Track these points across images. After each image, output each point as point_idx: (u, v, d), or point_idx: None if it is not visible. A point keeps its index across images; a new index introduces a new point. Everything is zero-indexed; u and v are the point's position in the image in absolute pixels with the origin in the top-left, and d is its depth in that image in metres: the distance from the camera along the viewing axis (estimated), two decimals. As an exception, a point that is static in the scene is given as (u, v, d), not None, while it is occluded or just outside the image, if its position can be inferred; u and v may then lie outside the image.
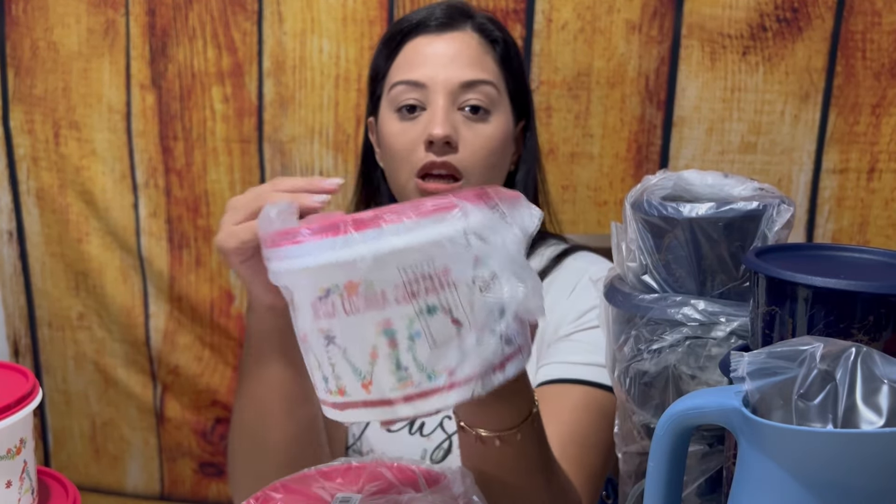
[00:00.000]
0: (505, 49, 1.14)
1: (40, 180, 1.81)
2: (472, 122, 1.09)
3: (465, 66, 1.09)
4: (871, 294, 0.65)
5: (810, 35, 1.44)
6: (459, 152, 1.08)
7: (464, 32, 1.12)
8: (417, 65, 1.10)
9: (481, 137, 1.09)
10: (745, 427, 0.58)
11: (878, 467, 0.53)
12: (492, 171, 1.12)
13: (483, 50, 1.12)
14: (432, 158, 1.08)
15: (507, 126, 1.13)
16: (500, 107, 1.12)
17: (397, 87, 1.11)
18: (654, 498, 0.69)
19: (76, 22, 1.72)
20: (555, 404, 1.06)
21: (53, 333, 1.89)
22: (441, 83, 1.08)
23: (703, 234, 0.82)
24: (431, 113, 1.08)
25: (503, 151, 1.13)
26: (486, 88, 1.10)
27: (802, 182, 1.50)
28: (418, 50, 1.11)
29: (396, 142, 1.11)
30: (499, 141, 1.11)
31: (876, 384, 0.55)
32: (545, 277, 1.17)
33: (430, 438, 1.14)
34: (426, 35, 1.11)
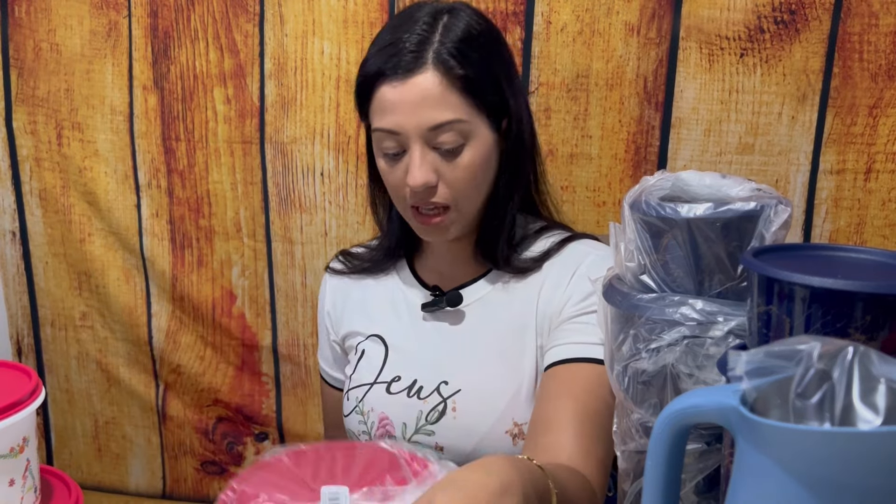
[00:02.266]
0: (467, 81, 1.12)
1: (43, 181, 1.81)
2: (447, 158, 1.12)
3: (431, 110, 1.10)
4: (868, 294, 0.65)
5: (808, 37, 1.45)
6: (440, 190, 1.13)
7: (424, 74, 1.11)
8: (388, 113, 1.12)
9: (459, 170, 1.13)
10: (742, 426, 0.59)
11: (875, 466, 0.53)
12: (478, 190, 1.16)
13: (445, 87, 1.11)
14: (416, 202, 1.14)
15: (484, 148, 1.15)
16: (473, 134, 1.13)
17: (377, 133, 1.15)
18: (653, 496, 0.69)
19: (79, 24, 1.73)
20: (567, 383, 1.10)
21: (56, 333, 1.90)
22: (412, 130, 1.11)
23: (701, 235, 0.82)
24: (410, 159, 1.12)
25: (483, 172, 1.16)
26: (455, 126, 1.11)
27: (800, 183, 1.51)
28: (386, 97, 1.12)
29: (388, 179, 1.17)
30: (476, 168, 1.14)
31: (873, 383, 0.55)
32: (546, 261, 1.20)
33: (427, 401, 1.20)
34: (390, 83, 1.12)
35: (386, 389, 1.23)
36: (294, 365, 1.82)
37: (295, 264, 1.76)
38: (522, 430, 1.15)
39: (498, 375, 1.18)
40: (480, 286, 1.24)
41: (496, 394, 1.18)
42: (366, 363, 1.27)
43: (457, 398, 1.18)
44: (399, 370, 1.24)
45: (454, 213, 1.15)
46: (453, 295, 1.23)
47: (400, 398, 1.22)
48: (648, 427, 0.89)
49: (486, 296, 1.23)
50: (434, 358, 1.23)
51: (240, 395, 1.84)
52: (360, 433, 1.25)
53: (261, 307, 1.80)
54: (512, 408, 1.16)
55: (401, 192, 1.15)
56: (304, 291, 1.77)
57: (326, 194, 1.70)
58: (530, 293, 1.20)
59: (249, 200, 1.74)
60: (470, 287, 1.24)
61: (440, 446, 1.19)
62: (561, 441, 1.05)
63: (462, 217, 1.16)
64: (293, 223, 1.73)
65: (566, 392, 1.09)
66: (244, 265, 1.78)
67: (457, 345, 1.23)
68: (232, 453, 1.89)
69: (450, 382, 1.20)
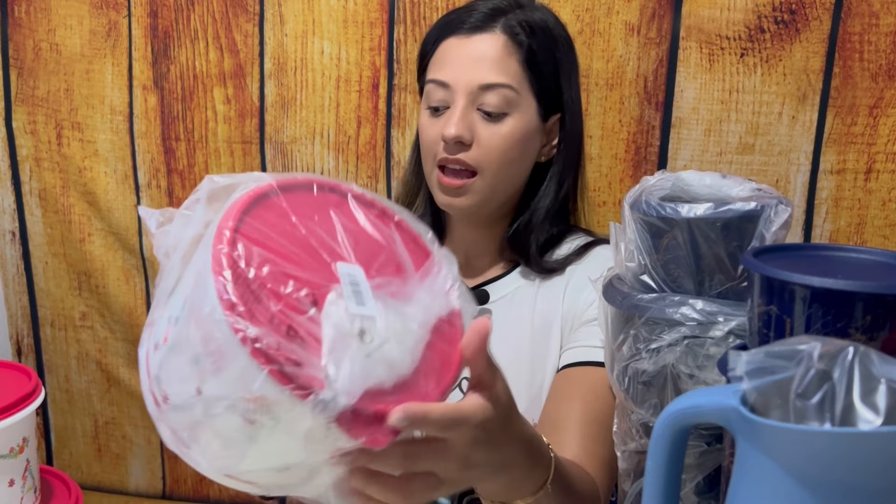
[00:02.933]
0: (530, 52, 1.16)
1: (43, 181, 1.81)
2: (487, 122, 1.15)
3: (486, 70, 1.14)
4: (869, 294, 0.65)
5: (808, 37, 1.45)
6: (473, 150, 1.14)
7: (492, 35, 1.16)
8: (446, 65, 1.17)
9: (496, 136, 1.15)
10: (743, 426, 0.59)
11: (876, 466, 0.53)
12: (509, 166, 1.17)
13: (507, 52, 1.15)
14: (446, 155, 1.15)
15: (526, 125, 1.17)
16: (519, 107, 1.16)
17: (429, 85, 1.18)
18: (653, 496, 0.69)
19: (78, 23, 1.73)
20: (577, 386, 1.10)
21: (56, 333, 1.90)
22: (462, 84, 1.14)
23: (702, 235, 0.83)
24: (451, 112, 1.15)
25: (522, 148, 1.18)
26: (503, 91, 1.14)
27: (800, 183, 1.50)
28: (449, 50, 1.17)
29: (424, 134, 1.19)
30: (515, 139, 1.16)
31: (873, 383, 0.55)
32: (570, 264, 1.22)
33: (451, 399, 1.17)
34: (458, 36, 1.17)
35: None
36: (294, 365, 1.81)
37: (295, 264, 1.76)
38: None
39: (520, 375, 1.17)
40: (506, 283, 1.24)
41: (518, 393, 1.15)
42: None
43: None
44: None
45: (479, 181, 1.16)
46: (479, 292, 1.23)
47: None
48: (649, 427, 0.89)
49: (511, 293, 1.23)
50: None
51: (240, 395, 1.84)
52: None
53: (261, 307, 1.80)
54: (532, 408, 1.15)
55: (433, 149, 1.17)
56: (304, 291, 1.76)
57: (326, 194, 1.70)
58: (555, 294, 1.20)
59: (249, 200, 1.74)
60: (495, 284, 1.24)
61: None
62: (566, 441, 1.04)
63: (485, 189, 1.16)
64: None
65: (575, 394, 1.09)
66: (244, 265, 1.78)
67: None
68: (232, 453, 1.89)
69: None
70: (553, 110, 1.21)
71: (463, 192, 1.16)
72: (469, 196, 1.16)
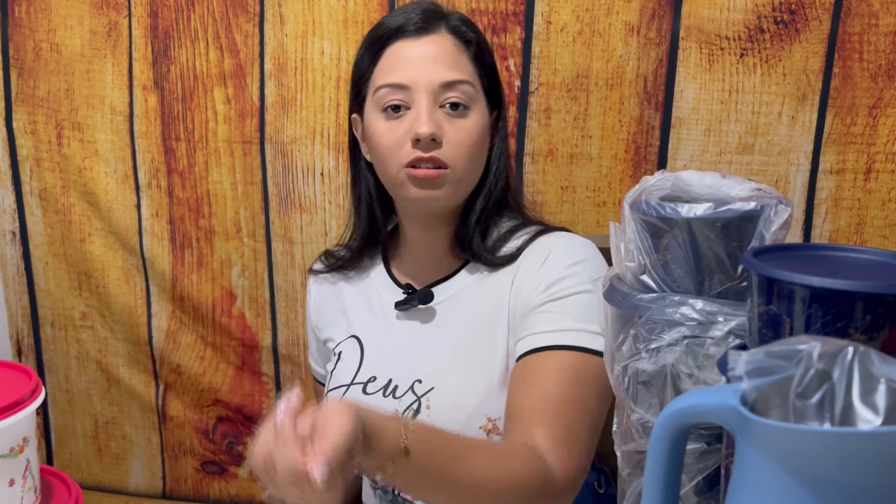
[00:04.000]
0: (478, 49, 1.19)
1: (43, 181, 1.81)
2: (453, 118, 1.16)
3: (444, 68, 1.16)
4: (868, 294, 0.65)
5: (807, 37, 1.45)
6: (443, 147, 1.15)
7: (440, 35, 1.17)
8: (400, 68, 1.16)
9: (463, 131, 1.16)
10: (742, 426, 0.59)
11: (875, 466, 0.53)
12: (473, 160, 1.18)
13: (458, 51, 1.17)
14: (419, 154, 1.14)
15: (483, 119, 1.19)
16: (476, 102, 1.18)
17: (382, 90, 1.17)
18: (653, 496, 0.69)
19: (79, 24, 1.73)
20: (532, 374, 1.11)
21: (56, 333, 1.90)
22: (423, 84, 1.15)
23: (701, 235, 0.82)
24: (416, 112, 1.14)
25: (482, 142, 1.19)
26: (464, 87, 1.16)
27: (799, 183, 1.51)
28: (399, 54, 1.17)
29: (384, 139, 1.17)
30: (478, 133, 1.18)
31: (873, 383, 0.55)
32: (518, 256, 1.22)
33: (402, 400, 1.21)
34: (405, 39, 1.17)
35: (362, 390, 1.24)
36: (294, 365, 1.82)
37: (295, 264, 1.76)
38: (497, 425, 1.16)
39: (470, 372, 1.19)
40: (453, 283, 1.25)
41: (469, 390, 1.18)
42: (343, 364, 1.28)
43: (430, 396, 1.19)
44: (375, 370, 1.25)
45: (451, 174, 1.16)
46: (424, 293, 1.24)
47: (376, 398, 1.23)
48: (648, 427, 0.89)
49: (458, 293, 1.24)
50: (407, 357, 1.24)
51: (240, 395, 1.84)
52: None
53: (261, 307, 1.80)
54: (485, 403, 1.16)
55: (399, 151, 1.16)
56: (303, 291, 1.77)
57: (326, 194, 1.70)
58: (503, 287, 1.21)
59: (249, 200, 1.74)
60: (442, 284, 1.25)
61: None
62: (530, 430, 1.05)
63: (455, 181, 1.17)
64: (293, 223, 1.73)
65: (532, 381, 1.10)
66: (244, 265, 1.78)
67: (429, 343, 1.23)
68: (232, 453, 1.89)
69: (423, 381, 1.20)
70: (494, 106, 1.23)
71: (438, 183, 1.16)
72: (445, 187, 1.17)
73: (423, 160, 1.15)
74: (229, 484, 1.91)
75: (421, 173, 1.15)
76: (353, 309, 1.32)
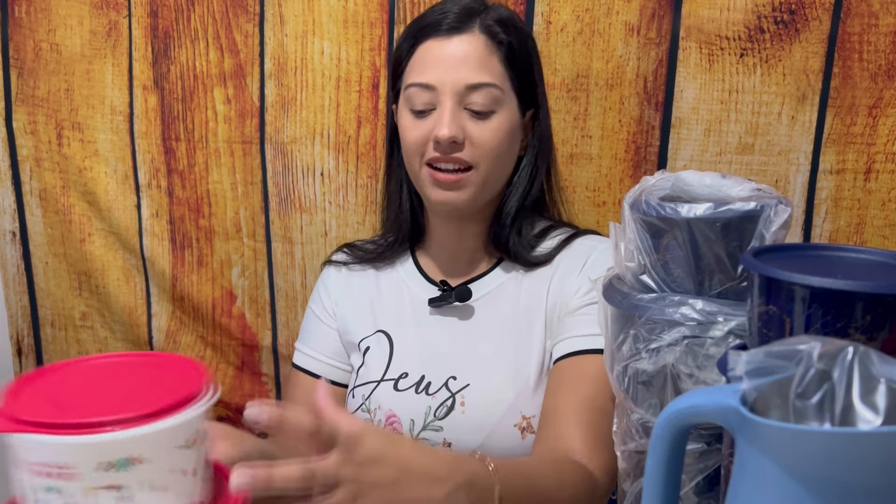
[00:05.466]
0: (510, 50, 1.19)
1: (43, 181, 1.81)
2: (477, 119, 1.17)
3: (472, 70, 1.16)
4: (868, 294, 0.65)
5: (807, 37, 1.45)
6: (466, 148, 1.16)
7: (471, 35, 1.17)
8: (428, 67, 1.18)
9: (487, 132, 1.17)
10: (742, 426, 0.59)
11: (875, 466, 0.53)
12: (498, 161, 1.19)
13: (489, 52, 1.17)
14: (439, 155, 1.16)
15: (511, 120, 1.19)
16: (504, 104, 1.18)
17: (411, 89, 1.19)
18: (653, 496, 0.69)
19: (79, 24, 1.73)
20: (571, 377, 1.12)
21: (56, 333, 1.90)
22: (449, 85, 1.16)
23: (701, 235, 0.83)
24: (440, 113, 1.16)
25: (509, 143, 1.20)
26: (490, 90, 1.16)
27: (799, 183, 1.51)
28: (430, 52, 1.18)
29: (409, 135, 1.20)
30: (503, 134, 1.18)
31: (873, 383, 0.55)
32: (555, 257, 1.24)
33: (435, 397, 1.21)
34: (437, 38, 1.18)
35: (393, 386, 1.24)
36: (294, 365, 1.82)
37: (295, 264, 1.76)
38: (531, 424, 1.16)
39: (505, 369, 1.20)
40: (489, 280, 1.25)
41: (504, 388, 1.18)
42: (371, 360, 1.28)
43: (465, 393, 1.19)
44: (406, 366, 1.25)
45: (474, 175, 1.18)
46: (463, 290, 1.24)
47: (408, 395, 1.23)
48: (648, 427, 0.89)
49: (495, 290, 1.24)
50: (442, 353, 1.24)
51: (240, 396, 1.84)
52: None
53: (261, 307, 1.80)
54: (520, 401, 1.17)
55: (420, 149, 1.18)
56: (304, 292, 1.77)
57: (326, 194, 1.70)
58: (539, 287, 1.22)
59: (249, 200, 1.74)
60: (478, 281, 1.26)
61: (448, 442, 1.19)
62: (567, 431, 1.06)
63: (479, 183, 1.18)
64: (293, 223, 1.73)
65: (571, 384, 1.11)
66: (244, 265, 1.78)
67: (465, 340, 1.24)
68: (232, 453, 1.89)
69: (458, 377, 1.21)
70: (528, 105, 1.24)
71: (460, 185, 1.17)
72: (465, 190, 1.18)
73: (440, 160, 1.17)
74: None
75: (442, 177, 1.17)
76: (381, 303, 1.32)
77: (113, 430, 0.65)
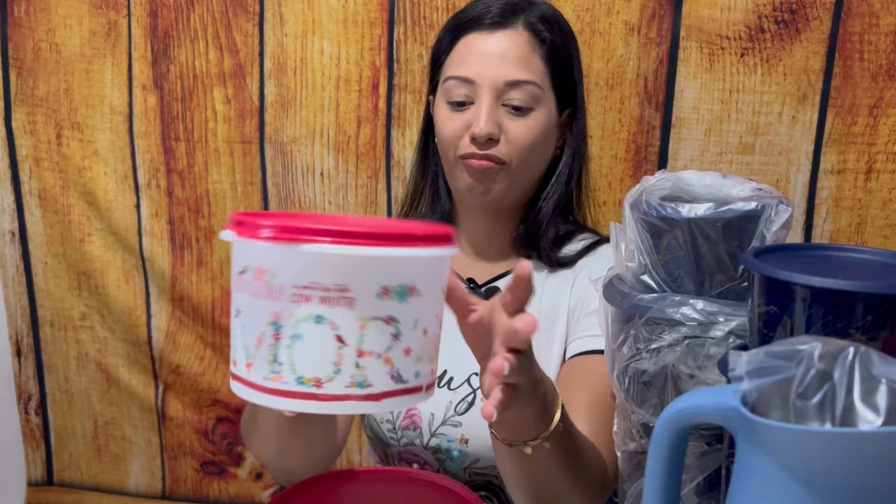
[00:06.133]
0: (552, 48, 1.19)
1: (43, 181, 1.81)
2: (514, 116, 1.16)
3: (512, 66, 1.16)
4: (869, 294, 0.65)
5: (808, 37, 1.45)
6: (501, 145, 1.16)
7: (514, 31, 1.17)
8: (469, 61, 1.18)
9: (523, 129, 1.16)
10: (743, 426, 0.58)
11: (876, 466, 0.53)
12: (532, 159, 1.20)
13: (531, 49, 1.17)
14: (474, 150, 1.17)
15: (548, 119, 1.19)
16: (542, 102, 1.18)
17: (450, 81, 1.19)
18: (653, 496, 0.69)
19: (78, 23, 1.72)
20: (584, 373, 1.13)
21: (56, 333, 1.89)
22: (488, 81, 1.16)
23: (702, 235, 0.82)
24: (478, 108, 1.16)
25: (544, 142, 1.20)
26: (529, 88, 1.16)
27: (800, 183, 1.50)
28: (471, 46, 1.18)
29: (446, 127, 1.20)
30: (539, 133, 1.18)
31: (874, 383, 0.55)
32: (578, 261, 1.24)
33: (457, 392, 1.21)
34: (479, 32, 1.18)
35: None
36: (294, 365, 1.81)
37: (295, 264, 1.75)
38: None
39: None
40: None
41: None
42: None
43: None
44: None
45: (506, 171, 1.18)
46: (491, 288, 1.24)
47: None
48: (649, 427, 0.89)
49: None
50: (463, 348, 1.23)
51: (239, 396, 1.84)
52: (382, 421, 1.25)
53: (260, 307, 1.80)
54: None
55: (456, 142, 1.18)
56: (303, 292, 1.76)
57: (326, 194, 1.70)
58: (563, 289, 1.22)
59: (249, 200, 1.74)
60: (504, 279, 1.25)
61: (465, 438, 1.19)
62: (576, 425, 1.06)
63: (511, 179, 1.18)
64: (293, 223, 1.73)
65: (581, 380, 1.12)
66: (244, 265, 1.78)
67: None
68: (231, 454, 1.89)
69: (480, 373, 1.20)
70: (566, 104, 1.23)
71: (492, 174, 1.18)
72: (497, 181, 1.18)
73: (476, 156, 1.17)
74: (229, 484, 1.91)
75: (475, 164, 1.17)
76: None
77: (397, 245, 0.61)
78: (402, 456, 1.26)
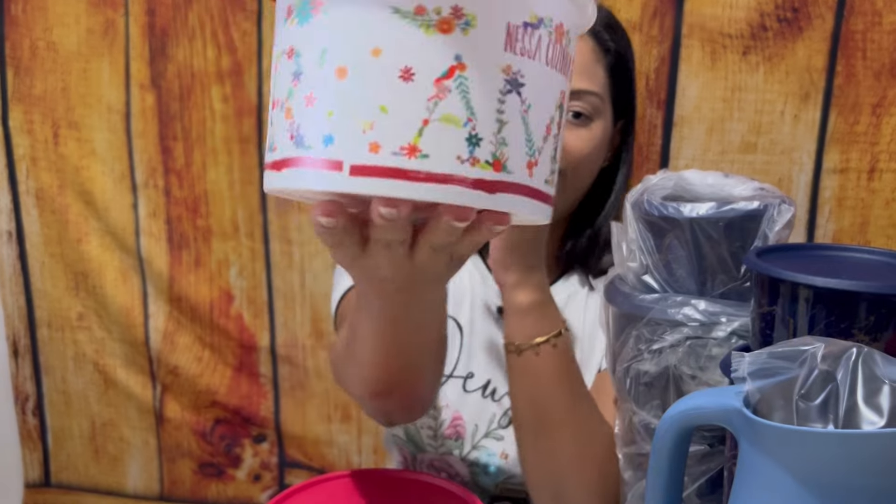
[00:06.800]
0: (616, 58, 1.16)
1: (39, 180, 1.81)
2: (574, 126, 1.13)
3: (577, 75, 1.11)
4: (872, 294, 0.65)
5: (811, 35, 1.44)
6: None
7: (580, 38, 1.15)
8: None
9: (580, 140, 1.13)
10: (745, 427, 0.58)
11: (879, 467, 0.53)
12: (586, 170, 1.17)
13: (595, 58, 1.14)
14: None
15: (605, 130, 1.17)
16: (601, 113, 1.15)
17: None
18: (655, 498, 0.69)
19: (75, 22, 1.72)
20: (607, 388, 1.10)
21: (53, 334, 1.89)
22: None
23: (704, 234, 0.82)
24: None
25: (598, 152, 1.18)
26: (590, 98, 1.13)
27: (803, 182, 1.50)
28: None
29: None
30: (596, 143, 1.15)
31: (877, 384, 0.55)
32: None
33: (500, 404, 1.20)
34: None
35: (462, 386, 1.21)
36: (292, 366, 1.81)
37: (293, 265, 1.75)
38: None
39: None
40: (559, 289, 1.22)
41: None
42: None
43: None
44: (472, 366, 1.22)
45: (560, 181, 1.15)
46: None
47: (475, 397, 1.20)
48: (651, 429, 0.88)
49: (564, 300, 1.22)
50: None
51: (238, 397, 1.84)
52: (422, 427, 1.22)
53: (259, 308, 1.80)
54: None
55: None
56: (302, 292, 1.76)
57: (325, 194, 1.69)
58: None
59: (247, 200, 1.74)
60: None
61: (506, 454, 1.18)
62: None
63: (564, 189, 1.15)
64: (291, 223, 1.73)
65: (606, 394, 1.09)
66: (242, 265, 1.78)
67: None
68: (230, 455, 1.88)
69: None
70: (621, 115, 1.21)
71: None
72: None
73: None
74: (227, 486, 1.90)
75: None
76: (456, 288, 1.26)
77: None
78: (434, 464, 1.24)
